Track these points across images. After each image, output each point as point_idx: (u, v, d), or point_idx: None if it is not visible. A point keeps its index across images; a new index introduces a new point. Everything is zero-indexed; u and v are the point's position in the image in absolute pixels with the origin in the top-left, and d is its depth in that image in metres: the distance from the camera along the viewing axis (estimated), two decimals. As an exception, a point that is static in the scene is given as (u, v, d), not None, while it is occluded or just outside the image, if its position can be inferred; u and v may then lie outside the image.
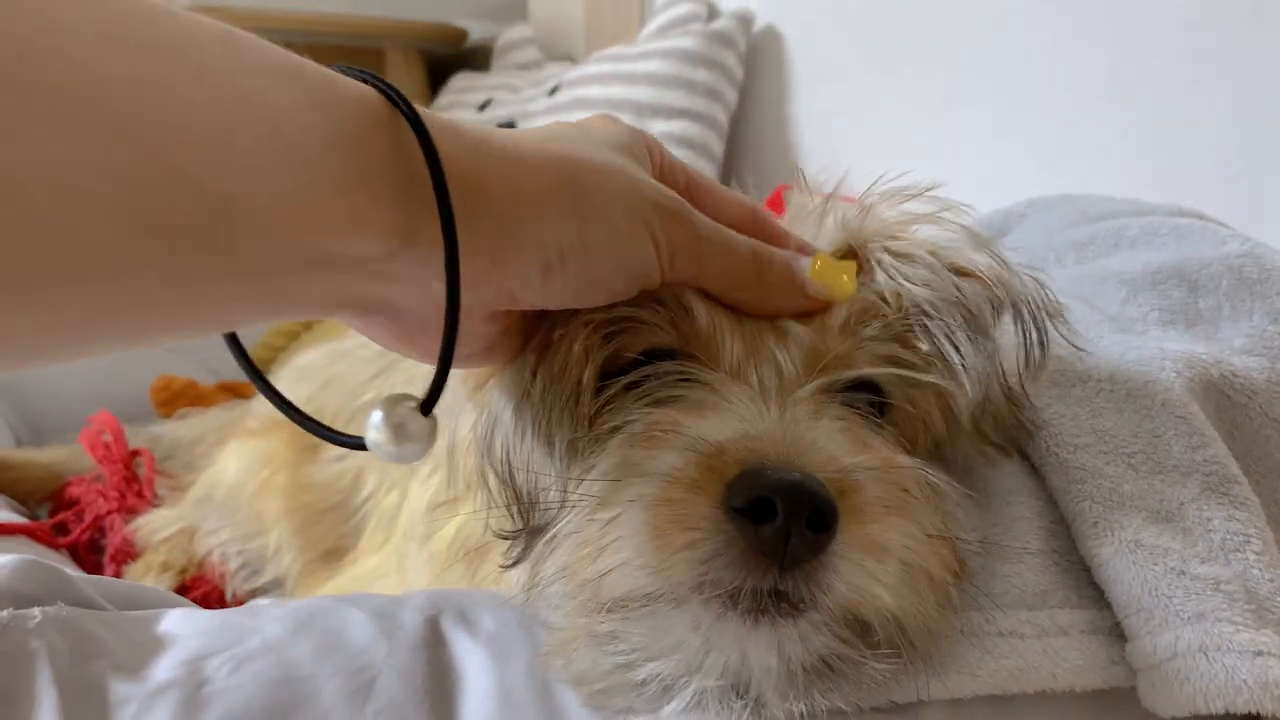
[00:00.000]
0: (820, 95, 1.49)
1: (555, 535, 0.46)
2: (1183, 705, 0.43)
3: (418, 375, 0.77)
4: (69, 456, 1.07)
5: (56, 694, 0.39)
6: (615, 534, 0.42)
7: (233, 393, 1.26)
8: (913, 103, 1.34)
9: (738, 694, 0.43)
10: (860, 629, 0.43)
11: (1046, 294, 0.53)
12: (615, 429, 0.47)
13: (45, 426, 1.19)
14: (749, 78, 1.57)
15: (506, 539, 0.50)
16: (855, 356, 0.50)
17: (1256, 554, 0.49)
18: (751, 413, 0.44)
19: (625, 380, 0.49)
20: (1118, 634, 0.47)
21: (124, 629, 0.43)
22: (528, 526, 0.49)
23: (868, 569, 0.40)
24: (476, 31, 2.19)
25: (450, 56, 2.18)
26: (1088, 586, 0.50)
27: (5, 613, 0.41)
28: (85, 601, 0.44)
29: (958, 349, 0.50)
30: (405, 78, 2.05)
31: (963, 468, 0.53)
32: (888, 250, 0.52)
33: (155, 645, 0.43)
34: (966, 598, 0.48)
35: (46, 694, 0.39)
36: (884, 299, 0.51)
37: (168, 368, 1.27)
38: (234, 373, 1.38)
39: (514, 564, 0.49)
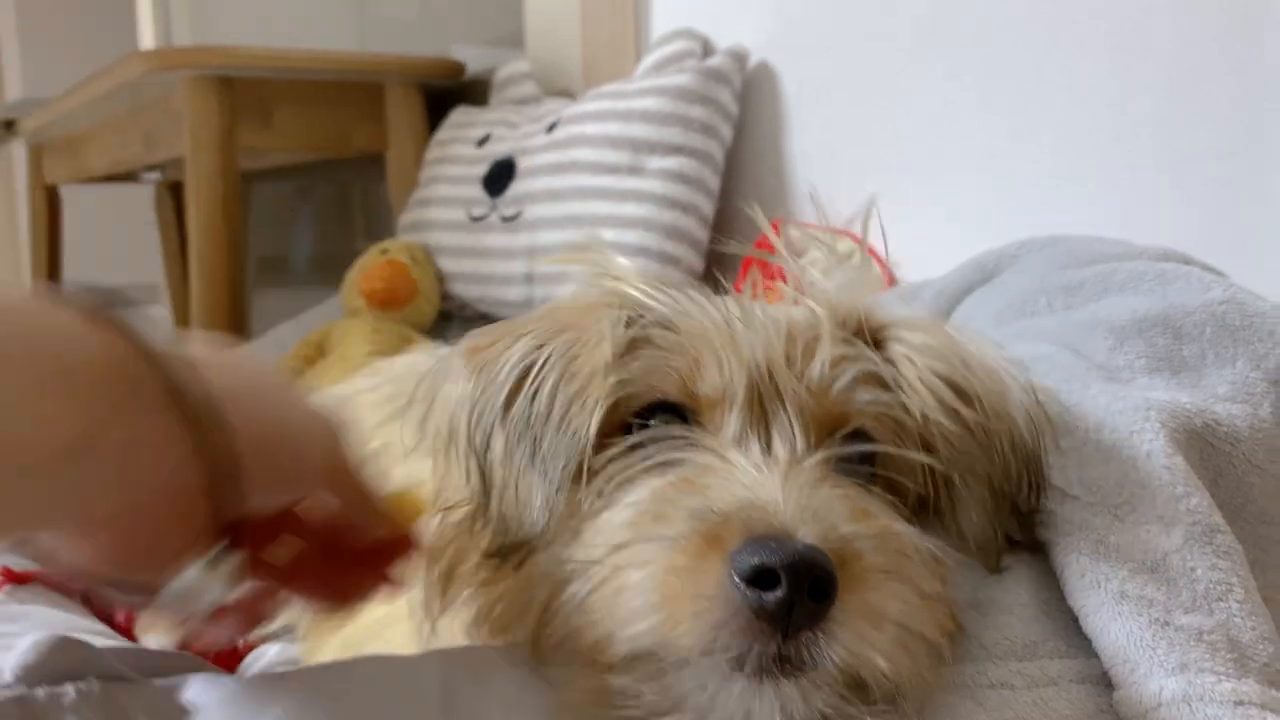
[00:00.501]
0: (815, 130, 1.51)
1: (564, 602, 0.47)
2: (1167, 755, 0.45)
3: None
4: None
5: (90, 768, 0.41)
6: (624, 602, 0.44)
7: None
8: (908, 137, 1.36)
9: (739, 749, 0.44)
10: (857, 686, 0.45)
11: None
12: (618, 489, 0.49)
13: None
14: (744, 113, 1.58)
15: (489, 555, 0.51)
16: (853, 415, 0.52)
17: (1239, 602, 0.50)
18: (755, 480, 0.46)
19: (630, 441, 0.51)
20: (1106, 682, 0.49)
21: (151, 701, 0.45)
22: (505, 543, 0.50)
23: (865, 636, 0.42)
24: (474, 64, 2.21)
25: (449, 90, 2.20)
26: (1076, 635, 0.51)
27: (41, 691, 0.43)
28: (113, 673, 0.46)
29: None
30: (405, 112, 2.07)
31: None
32: (911, 361, 0.54)
33: (179, 715, 0.45)
34: (959, 649, 0.49)
35: (81, 768, 0.41)
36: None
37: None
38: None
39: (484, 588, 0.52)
